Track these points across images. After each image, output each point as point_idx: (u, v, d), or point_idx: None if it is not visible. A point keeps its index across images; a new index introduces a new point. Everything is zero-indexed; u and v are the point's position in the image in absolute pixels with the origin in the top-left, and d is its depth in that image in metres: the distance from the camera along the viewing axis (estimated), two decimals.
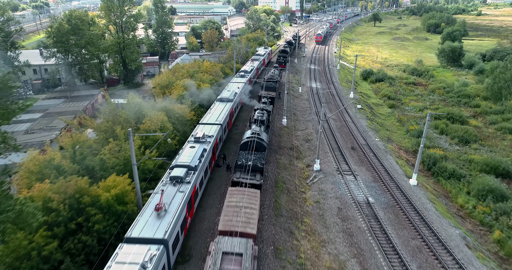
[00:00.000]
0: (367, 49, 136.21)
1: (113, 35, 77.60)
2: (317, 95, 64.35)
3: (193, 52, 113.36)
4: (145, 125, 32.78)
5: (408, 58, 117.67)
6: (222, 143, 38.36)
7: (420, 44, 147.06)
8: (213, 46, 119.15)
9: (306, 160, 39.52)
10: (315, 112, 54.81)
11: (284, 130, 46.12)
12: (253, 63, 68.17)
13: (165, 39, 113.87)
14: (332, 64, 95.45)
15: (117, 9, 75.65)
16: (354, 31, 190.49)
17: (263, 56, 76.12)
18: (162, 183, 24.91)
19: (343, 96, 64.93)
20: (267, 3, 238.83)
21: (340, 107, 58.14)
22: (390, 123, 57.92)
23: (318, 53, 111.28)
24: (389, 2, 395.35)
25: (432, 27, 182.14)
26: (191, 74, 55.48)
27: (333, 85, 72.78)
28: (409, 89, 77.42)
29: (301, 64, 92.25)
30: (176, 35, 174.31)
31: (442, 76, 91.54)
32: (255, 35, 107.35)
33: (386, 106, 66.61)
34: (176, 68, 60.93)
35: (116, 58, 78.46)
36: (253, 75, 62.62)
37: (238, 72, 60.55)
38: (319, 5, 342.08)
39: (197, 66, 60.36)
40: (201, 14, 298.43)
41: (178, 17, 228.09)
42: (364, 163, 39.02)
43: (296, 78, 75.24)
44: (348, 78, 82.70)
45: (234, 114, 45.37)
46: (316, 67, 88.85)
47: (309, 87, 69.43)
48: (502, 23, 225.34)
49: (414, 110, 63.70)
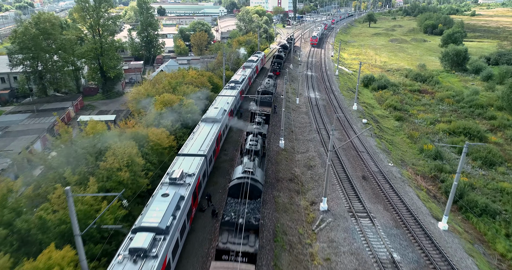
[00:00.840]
0: (365, 52, 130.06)
1: (89, 40, 69.90)
2: (316, 107, 57.53)
3: (181, 56, 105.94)
4: (107, 162, 25.52)
5: (408, 61, 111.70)
6: (207, 178, 31.24)
7: (418, 46, 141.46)
8: (202, 49, 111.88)
9: (310, 195, 32.60)
10: (316, 130, 47.94)
11: (282, 154, 39.16)
12: (244, 71, 61.15)
13: (151, 42, 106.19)
14: (330, 70, 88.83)
15: (93, 11, 68.02)
16: (349, 33, 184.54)
17: (255, 63, 69.13)
18: (118, 260, 17.69)
19: (345, 108, 58.21)
20: (259, 4, 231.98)
21: (344, 121, 51.38)
22: (400, 140, 51.31)
23: (314, 57, 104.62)
24: (382, 2, 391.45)
25: (429, 28, 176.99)
26: (173, 86, 48.23)
27: (333, 94, 66.07)
28: (415, 98, 71.09)
29: (297, 69, 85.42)
30: (164, 37, 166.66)
31: (447, 82, 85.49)
32: (247, 38, 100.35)
33: (393, 118, 60.06)
34: (157, 78, 53.60)
35: (93, 65, 70.78)
36: (245, 86, 55.61)
37: (228, 83, 53.50)
38: (312, 5, 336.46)
39: (181, 76, 53.12)
40: (191, 14, 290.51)
41: (167, 18, 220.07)
42: (380, 199, 32.22)
43: (292, 87, 68.37)
44: (348, 86, 76.11)
45: (222, 138, 38.33)
46: (313, 74, 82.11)
47: (307, 97, 62.61)
48: (498, 23, 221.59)
49: (424, 123, 57.26)
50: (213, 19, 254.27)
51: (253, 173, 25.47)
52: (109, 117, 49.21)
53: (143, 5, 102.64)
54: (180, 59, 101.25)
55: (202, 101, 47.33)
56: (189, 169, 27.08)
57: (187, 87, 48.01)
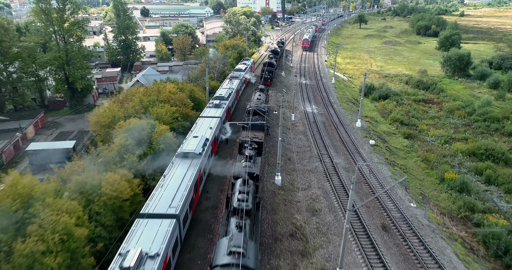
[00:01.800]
0: (359, 55, 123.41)
1: (52, 47, 60.88)
2: (315, 124, 49.87)
3: (162, 62, 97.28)
4: (27, 244, 17.22)
5: (406, 66, 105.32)
6: (180, 246, 23.04)
7: (413, 49, 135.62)
8: (185, 54, 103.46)
9: (319, 258, 24.82)
10: (318, 155, 40.25)
11: (279, 195, 31.29)
12: (231, 83, 53.13)
13: (129, 47, 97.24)
14: (325, 77, 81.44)
15: (57, 14, 59.13)
16: (341, 34, 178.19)
17: (244, 72, 61.17)
18: None
19: (348, 125, 50.70)
20: (246, 4, 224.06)
21: (348, 143, 43.83)
22: (413, 165, 44.02)
23: (307, 62, 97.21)
24: (371, 3, 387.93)
25: (422, 29, 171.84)
26: (145, 105, 39.92)
27: (332, 107, 58.56)
28: (422, 109, 64.15)
29: (289, 77, 77.80)
30: (147, 39, 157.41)
31: (452, 89, 79.03)
32: (234, 41, 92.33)
33: (401, 135, 52.83)
34: (128, 94, 45.11)
35: (58, 75, 61.84)
36: (232, 101, 47.60)
37: (212, 98, 45.43)
38: (300, 6, 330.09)
39: (156, 91, 44.77)
40: (176, 15, 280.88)
41: (150, 20, 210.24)
42: (410, 261, 24.64)
43: (285, 99, 60.63)
44: (347, 96, 68.74)
45: (203, 178, 30.18)
46: (307, 82, 74.55)
47: (303, 112, 54.94)
48: (489, 24, 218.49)
49: (437, 141, 50.19)
50: (198, 21, 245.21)
51: (244, 254, 17.52)
52: (67, 144, 40.60)
53: (119, 7, 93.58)
54: (162, 65, 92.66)
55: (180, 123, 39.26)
56: (152, 244, 18.97)
57: (161, 107, 39.75)
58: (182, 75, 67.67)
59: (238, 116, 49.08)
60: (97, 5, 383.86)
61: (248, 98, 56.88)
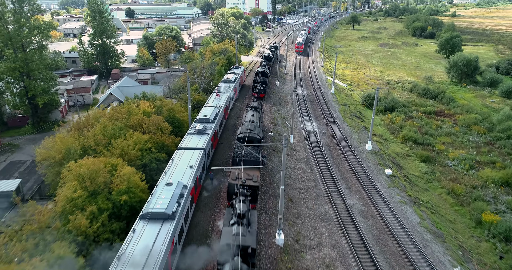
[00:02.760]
0: (355, 59, 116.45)
1: (9, 56, 51.93)
2: (318, 148, 42.12)
3: (144, 70, 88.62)
4: None
5: (407, 71, 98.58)
6: None
7: (412, 52, 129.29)
8: (169, 60, 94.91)
9: None
10: (326, 193, 32.51)
11: (282, 263, 23.35)
12: (219, 99, 45.06)
13: (106, 52, 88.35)
14: (324, 85, 73.86)
15: (12, 16, 50.32)
16: (334, 36, 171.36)
17: (233, 83, 53.18)
18: None
19: (356, 148, 43.08)
20: (235, 5, 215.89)
21: (360, 173, 36.23)
22: (438, 199, 36.62)
23: (302, 68, 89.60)
24: (361, 3, 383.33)
25: (418, 31, 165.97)
26: (109, 135, 31.59)
27: (335, 124, 50.90)
28: (435, 124, 56.98)
29: (284, 86, 70.03)
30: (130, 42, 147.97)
31: (462, 98, 72.25)
32: (223, 46, 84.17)
33: (417, 158, 45.47)
34: (90, 118, 36.52)
35: (16, 89, 53.00)
36: (219, 124, 39.56)
37: (195, 121, 37.33)
38: (290, 6, 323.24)
39: (126, 113, 36.44)
40: (163, 16, 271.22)
41: (134, 21, 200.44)
42: None
43: (282, 114, 52.82)
44: (350, 109, 61.20)
45: (177, 249, 21.99)
46: (304, 92, 66.88)
47: (303, 131, 47.15)
48: (483, 25, 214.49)
49: (461, 166, 42.93)
50: (186, 22, 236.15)
51: None
52: (8, 185, 31.88)
53: (95, 8, 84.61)
54: (142, 72, 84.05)
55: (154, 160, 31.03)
56: None
57: (130, 136, 31.48)
58: (162, 87, 59.33)
59: (226, 140, 41.13)
60: (82, 5, 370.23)
61: (239, 115, 49.05)
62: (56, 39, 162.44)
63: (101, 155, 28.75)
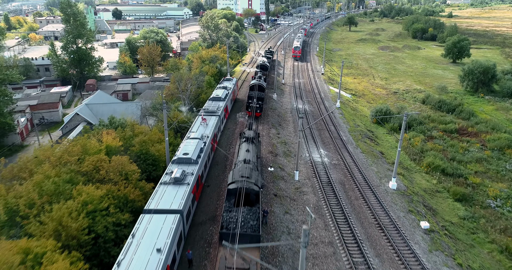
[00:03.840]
0: (356, 64, 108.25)
1: None
2: (331, 188, 33.43)
3: (125, 78, 79.22)
4: None
5: (413, 78, 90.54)
6: None
7: (415, 56, 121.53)
8: (153, 66, 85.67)
9: None
10: (350, 267, 23.79)
11: None
12: (205, 125, 36.10)
13: (82, 59, 78.83)
14: (327, 97, 65.28)
15: None
16: (331, 38, 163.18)
17: (224, 102, 44.28)
18: None
19: (378, 187, 34.51)
20: (227, 6, 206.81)
21: (387, 225, 27.67)
22: (490, 261, 28.12)
23: (301, 76, 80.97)
24: (356, 3, 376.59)
25: (418, 32, 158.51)
26: (50, 193, 22.50)
27: (347, 150, 42.28)
28: (461, 147, 48.67)
29: (282, 100, 61.31)
30: (115, 46, 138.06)
31: (482, 112, 64.22)
32: (213, 52, 75.23)
33: (450, 195, 37.08)
34: (27, 164, 27.30)
35: None
36: (203, 165, 30.45)
37: (172, 162, 28.35)
38: (283, 7, 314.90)
39: (79, 154, 27.33)
40: (152, 17, 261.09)
41: (120, 23, 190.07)
42: None
43: (282, 139, 44.02)
44: (360, 128, 52.58)
45: None
46: (306, 107, 58.23)
47: (310, 163, 38.41)
48: (482, 26, 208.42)
49: (507, 207, 34.60)
50: (176, 23, 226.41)
51: None
52: None
53: (68, 11, 75.03)
54: (122, 82, 74.72)
55: None
56: None
57: (78, 193, 22.45)
58: (140, 104, 50.19)
59: (214, 180, 32.29)
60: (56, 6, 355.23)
61: (231, 140, 40.21)
62: (35, 42, 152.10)
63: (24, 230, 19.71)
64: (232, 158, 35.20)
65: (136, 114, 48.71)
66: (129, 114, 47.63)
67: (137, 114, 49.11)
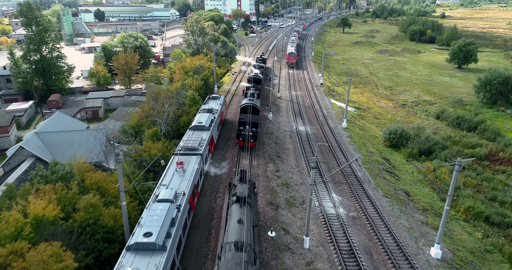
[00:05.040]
0: (356, 70, 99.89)
1: None
2: (353, 260, 24.44)
3: (96, 92, 69.15)
4: None
5: (420, 86, 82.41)
6: None
7: (416, 60, 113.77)
8: (130, 76, 75.77)
9: None
10: None
11: None
12: (181, 174, 26.66)
13: (47, 70, 68.52)
14: (330, 115, 56.32)
15: None
16: (325, 41, 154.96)
17: (208, 132, 34.92)
18: None
19: (415, 255, 25.60)
20: (215, 7, 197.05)
21: None
22: None
23: (298, 88, 71.92)
24: (346, 3, 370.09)
25: (416, 35, 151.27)
26: None
27: (366, 193, 33.28)
28: (498, 179, 40.14)
29: (279, 119, 52.14)
30: (94, 51, 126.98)
31: (508, 130, 56.10)
32: (197, 61, 65.67)
33: (504, 259, 28.39)
34: None
35: None
36: (174, 249, 20.90)
37: (127, 249, 18.86)
38: (273, 7, 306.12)
39: None
40: (136, 18, 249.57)
41: (101, 25, 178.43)
42: None
43: (283, 179, 34.79)
44: (375, 157, 43.63)
45: None
46: (308, 128, 49.14)
47: (322, 218, 29.31)
48: (478, 27, 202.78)
49: None
50: (161, 25, 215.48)
51: None
52: None
53: (28, 14, 64.64)
54: (93, 97, 64.68)
55: None
56: None
57: None
58: (106, 130, 40.40)
59: (191, 260, 22.92)
60: (49, 7, 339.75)
61: (217, 187, 30.97)
62: (6, 47, 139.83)
63: None
64: (217, 227, 25.81)
65: (100, 143, 38.89)
66: (90, 145, 37.99)
67: (102, 142, 39.31)
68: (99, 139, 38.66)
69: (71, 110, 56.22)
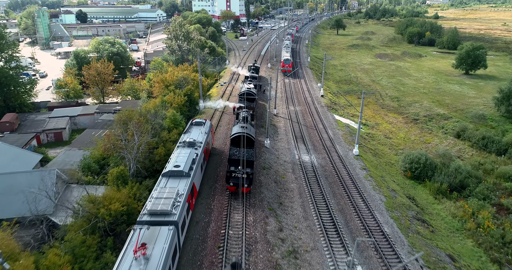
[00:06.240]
0: (355, 78, 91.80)
1: None
2: None
3: (63, 108, 59.47)
4: None
5: (430, 97, 74.54)
6: None
7: (419, 65, 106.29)
8: (104, 88, 66.22)
9: None
10: None
11: None
12: (141, 262, 17.67)
13: (4, 84, 58.68)
14: (336, 136, 47.71)
15: None
16: (319, 44, 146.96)
17: (187, 180, 25.99)
18: None
19: None
20: (203, 7, 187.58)
21: None
22: None
23: (296, 100, 63.26)
24: (338, 4, 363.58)
25: (415, 37, 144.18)
26: None
27: (399, 258, 24.71)
28: None
29: (277, 145, 43.32)
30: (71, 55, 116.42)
31: None
32: (181, 73, 56.55)
33: None
34: None
35: None
36: None
37: None
38: (264, 8, 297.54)
39: None
40: (121, 20, 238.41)
41: (81, 27, 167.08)
42: None
43: (290, 242, 25.96)
44: (401, 199, 35.07)
45: None
46: (313, 158, 40.42)
47: None
48: (474, 28, 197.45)
49: None
50: (146, 27, 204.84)
51: None
52: None
53: None
54: (57, 115, 55.01)
55: None
56: None
57: None
58: (56, 172, 31.18)
59: None
60: (19, 9, 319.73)
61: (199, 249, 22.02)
62: None
63: None
64: None
65: (49, 188, 29.45)
66: (36, 193, 28.59)
67: (51, 189, 29.92)
68: (47, 184, 29.39)
69: (26, 135, 46.47)
